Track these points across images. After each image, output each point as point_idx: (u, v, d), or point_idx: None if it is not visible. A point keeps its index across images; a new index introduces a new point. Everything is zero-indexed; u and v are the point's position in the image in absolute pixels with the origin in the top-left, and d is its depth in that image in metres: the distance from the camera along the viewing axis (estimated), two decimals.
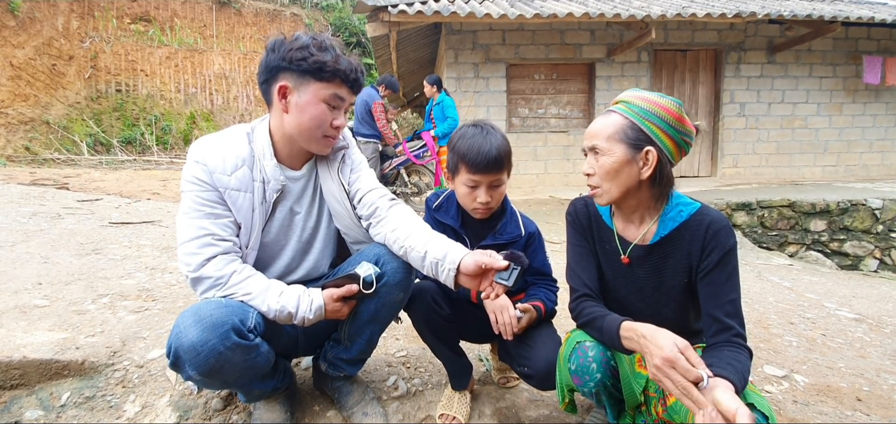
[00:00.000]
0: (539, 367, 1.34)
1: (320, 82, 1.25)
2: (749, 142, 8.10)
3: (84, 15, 12.84)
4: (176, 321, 1.14)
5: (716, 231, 1.15)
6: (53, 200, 4.71)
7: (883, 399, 1.78)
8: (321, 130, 1.29)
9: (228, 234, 1.25)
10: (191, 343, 1.08)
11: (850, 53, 8.08)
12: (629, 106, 1.16)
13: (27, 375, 1.49)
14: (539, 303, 1.41)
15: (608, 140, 1.16)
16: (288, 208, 1.37)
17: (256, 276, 1.26)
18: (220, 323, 1.11)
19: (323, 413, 1.52)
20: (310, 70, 1.23)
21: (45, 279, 2.26)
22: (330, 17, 15.65)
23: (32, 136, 11.08)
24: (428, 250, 1.28)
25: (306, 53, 1.22)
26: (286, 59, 1.23)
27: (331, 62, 1.23)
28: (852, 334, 2.45)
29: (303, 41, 1.24)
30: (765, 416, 0.98)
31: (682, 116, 1.14)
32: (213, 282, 1.21)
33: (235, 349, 1.13)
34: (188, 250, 1.21)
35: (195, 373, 1.11)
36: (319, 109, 1.26)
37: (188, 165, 1.25)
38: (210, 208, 1.23)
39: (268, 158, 1.30)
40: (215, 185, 1.24)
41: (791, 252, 6.25)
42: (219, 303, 1.16)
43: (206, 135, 1.32)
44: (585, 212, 1.33)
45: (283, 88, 1.26)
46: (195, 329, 1.09)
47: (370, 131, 6.20)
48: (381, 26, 6.44)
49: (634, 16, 6.47)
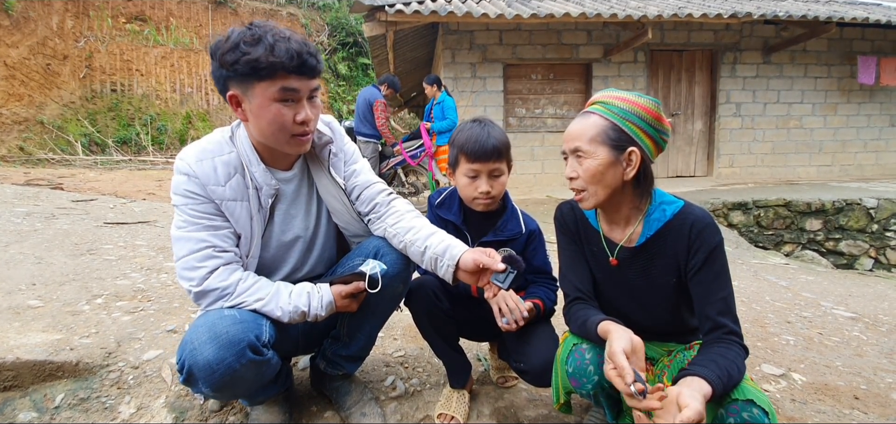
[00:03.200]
0: (535, 363, 1.35)
1: (263, 82, 1.11)
2: (745, 142, 8.14)
3: (79, 14, 12.76)
4: (187, 336, 1.10)
5: (700, 230, 1.15)
6: (48, 200, 4.68)
7: (880, 398, 1.78)
8: (286, 131, 1.17)
9: (229, 244, 1.21)
10: (206, 362, 1.06)
11: (844, 54, 8.13)
12: (608, 107, 1.16)
13: (21, 376, 1.47)
14: (538, 301, 1.42)
15: (591, 142, 1.15)
16: (285, 211, 1.33)
17: (262, 281, 1.23)
18: (237, 341, 1.08)
19: (320, 414, 1.51)
20: (247, 72, 1.09)
21: (39, 280, 2.24)
22: (327, 16, 15.62)
23: (27, 136, 11.00)
24: (428, 245, 1.28)
25: (237, 54, 1.08)
26: (223, 65, 1.11)
27: (263, 56, 1.08)
28: (849, 332, 2.45)
29: (233, 40, 1.10)
30: (765, 412, 0.98)
31: (660, 115, 1.15)
32: (218, 294, 1.17)
33: (250, 366, 1.11)
34: (189, 265, 1.15)
35: (208, 390, 1.10)
36: (273, 111, 1.13)
37: (177, 177, 1.18)
38: (208, 219, 1.18)
39: (255, 164, 1.24)
40: (210, 197, 1.18)
41: (787, 252, 6.28)
42: (233, 318, 1.12)
43: (190, 145, 1.24)
44: (572, 215, 1.34)
45: (234, 98, 1.16)
46: (211, 347, 1.06)
47: (371, 131, 6.16)
48: (378, 26, 6.42)
49: (631, 16, 6.49)
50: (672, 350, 1.28)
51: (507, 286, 1.19)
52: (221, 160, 1.21)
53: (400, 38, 7.83)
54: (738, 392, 1.00)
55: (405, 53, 9.07)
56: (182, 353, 1.09)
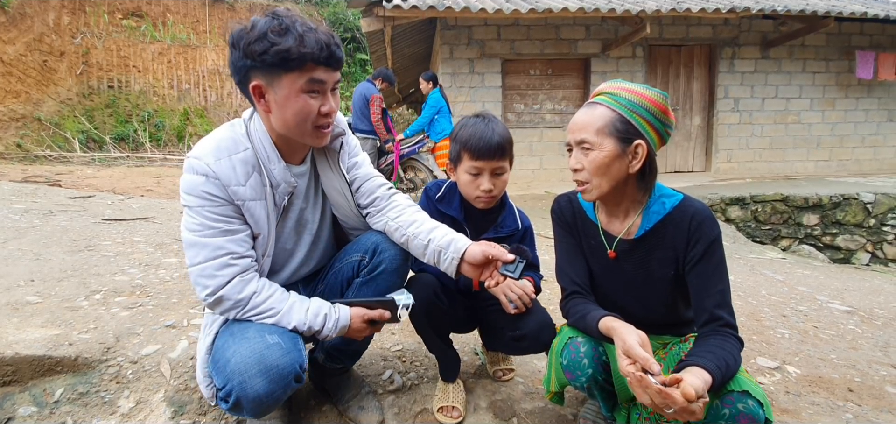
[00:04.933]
0: (531, 326, 1.39)
1: (292, 73, 1.09)
2: (743, 137, 8.15)
3: (75, 10, 12.72)
4: (232, 362, 1.08)
5: (699, 223, 1.15)
6: (45, 197, 4.67)
7: (874, 390, 1.80)
8: (310, 123, 1.16)
9: (246, 249, 1.17)
10: (256, 395, 1.06)
11: (843, 49, 8.13)
12: (616, 98, 1.15)
13: (20, 372, 1.48)
14: (530, 280, 1.45)
15: (598, 134, 1.14)
16: (296, 206, 1.32)
17: (277, 293, 1.20)
18: (286, 374, 1.09)
19: (318, 408, 1.52)
20: (276, 62, 1.07)
21: (38, 276, 2.25)
22: (324, 12, 15.58)
23: (24, 133, 10.97)
24: (432, 238, 1.29)
25: (266, 44, 1.06)
26: (249, 54, 1.08)
27: (294, 47, 1.06)
28: (844, 326, 2.47)
29: (260, 29, 1.07)
30: (759, 404, 0.99)
31: (667, 108, 1.15)
32: (233, 304, 1.15)
33: (291, 391, 1.14)
34: (205, 272, 1.12)
35: (251, 416, 1.12)
36: (300, 102, 1.12)
37: (192, 177, 1.12)
38: (225, 223, 1.14)
39: (274, 160, 1.20)
40: (231, 198, 1.13)
41: (784, 246, 6.30)
42: (280, 347, 1.10)
43: (202, 141, 1.18)
44: (570, 208, 1.34)
45: (258, 88, 1.12)
46: (262, 381, 1.06)
47: (369, 127, 6.15)
48: (376, 21, 6.40)
49: (629, 11, 6.48)
50: (667, 343, 1.29)
51: (519, 275, 1.22)
52: (239, 158, 1.16)
53: (398, 33, 7.82)
54: (733, 384, 1.01)
55: (403, 48, 9.05)
56: (228, 382, 1.08)
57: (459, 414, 1.48)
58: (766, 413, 0.99)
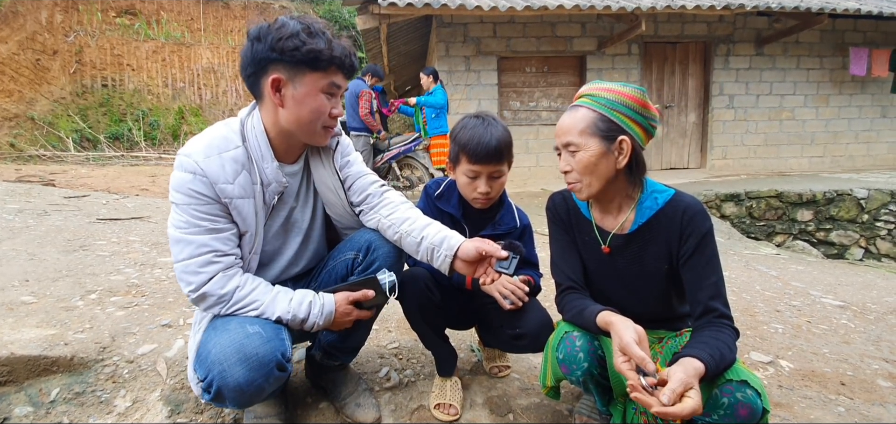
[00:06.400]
0: (531, 326, 1.39)
1: (317, 72, 1.16)
2: (738, 134, 8.18)
3: (68, 8, 12.61)
4: (213, 354, 1.09)
5: (691, 216, 1.17)
6: (40, 196, 4.65)
7: (866, 383, 1.82)
8: (320, 122, 1.21)
9: (231, 247, 1.19)
10: (236, 383, 1.07)
11: (836, 45, 8.17)
12: (595, 99, 1.18)
13: (15, 372, 1.48)
14: (529, 278, 1.47)
15: (581, 135, 1.17)
16: (286, 205, 1.33)
17: (260, 286, 1.21)
18: (267, 362, 1.09)
19: (315, 405, 1.52)
20: (304, 60, 1.14)
21: (33, 276, 2.24)
22: (319, 10, 15.51)
23: (17, 132, 10.88)
24: (425, 235, 1.30)
25: (298, 41, 1.12)
26: (276, 49, 1.13)
27: (326, 50, 1.14)
28: (837, 320, 2.50)
29: (292, 28, 1.13)
30: (757, 393, 1.01)
31: (646, 101, 1.18)
32: (216, 300, 1.16)
33: (275, 381, 1.14)
34: (189, 269, 1.14)
35: (235, 406, 1.14)
36: (318, 101, 1.19)
37: (181, 175, 1.14)
38: (210, 222, 1.15)
39: (268, 160, 1.22)
40: (218, 196, 1.15)
41: (778, 242, 6.34)
42: (260, 336, 1.11)
43: (194, 138, 1.20)
44: (564, 205, 1.36)
45: (277, 81, 1.16)
46: (241, 369, 1.07)
47: (362, 124, 6.16)
48: (372, 19, 6.39)
49: (625, 8, 6.49)
50: (662, 338, 1.30)
51: (512, 272, 1.23)
52: (229, 156, 1.18)
53: (393, 31, 7.80)
54: (732, 373, 1.03)
55: (399, 46, 9.03)
56: (209, 373, 1.09)
57: (456, 411, 1.48)
58: (764, 402, 1.01)
